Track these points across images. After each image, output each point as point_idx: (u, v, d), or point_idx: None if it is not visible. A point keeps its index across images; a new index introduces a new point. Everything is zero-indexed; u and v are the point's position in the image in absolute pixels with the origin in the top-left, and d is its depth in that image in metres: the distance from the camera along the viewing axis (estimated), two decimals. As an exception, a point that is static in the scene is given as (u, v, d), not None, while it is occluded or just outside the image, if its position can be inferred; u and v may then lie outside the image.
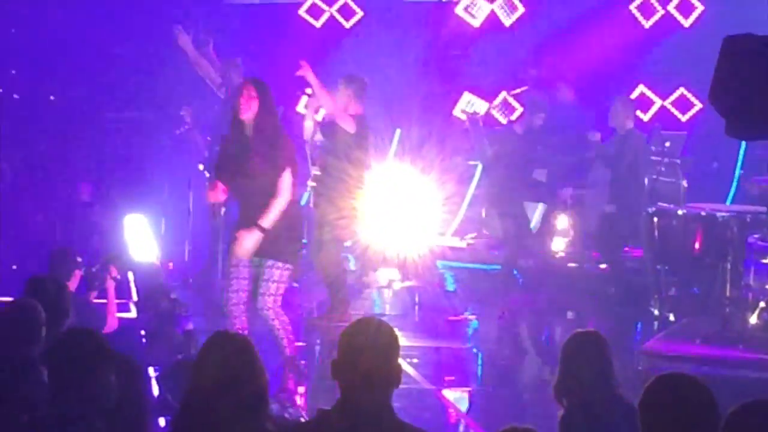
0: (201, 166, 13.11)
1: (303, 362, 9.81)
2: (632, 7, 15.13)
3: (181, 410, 5.07)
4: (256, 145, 8.80)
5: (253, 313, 8.89)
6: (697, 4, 14.70)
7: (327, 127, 11.80)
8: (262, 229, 8.70)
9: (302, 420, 6.92)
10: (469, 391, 10.38)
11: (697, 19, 14.80)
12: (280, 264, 8.86)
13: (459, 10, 15.72)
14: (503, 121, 15.11)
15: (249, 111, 8.78)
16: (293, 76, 11.40)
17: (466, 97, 15.68)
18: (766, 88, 6.24)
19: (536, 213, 14.43)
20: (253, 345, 5.01)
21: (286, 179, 8.79)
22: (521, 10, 15.57)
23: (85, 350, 5.36)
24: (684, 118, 14.48)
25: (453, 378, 10.59)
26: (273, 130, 8.88)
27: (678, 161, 13.55)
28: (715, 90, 6.44)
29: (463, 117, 15.26)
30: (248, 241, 8.72)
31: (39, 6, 17.63)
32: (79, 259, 9.29)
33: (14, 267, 13.22)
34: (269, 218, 8.72)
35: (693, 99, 14.30)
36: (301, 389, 9.05)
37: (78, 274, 9.09)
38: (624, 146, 12.86)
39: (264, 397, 4.92)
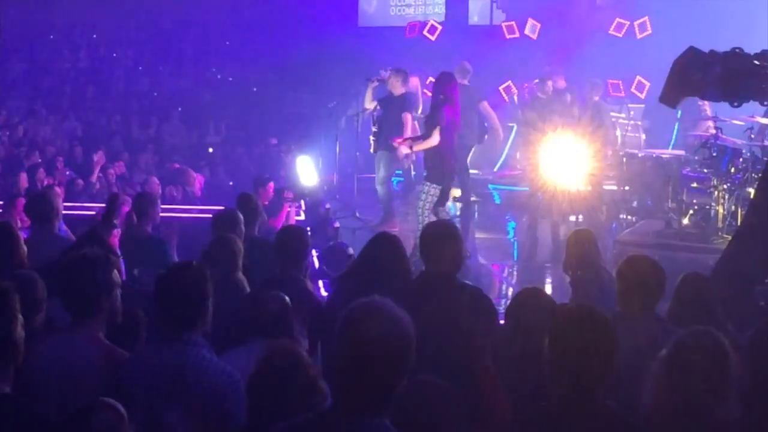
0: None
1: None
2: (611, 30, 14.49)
3: (344, 275, 5.13)
4: None
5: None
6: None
7: None
8: None
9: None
10: (509, 265, 10.32)
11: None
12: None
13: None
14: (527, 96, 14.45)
15: None
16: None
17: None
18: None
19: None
20: (400, 242, 4.98)
21: None
22: (539, 25, 14.82)
23: (303, 239, 5.51)
24: (641, 95, 13.90)
25: (499, 257, 10.52)
26: None
27: (639, 123, 13.31)
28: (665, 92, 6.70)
29: (505, 95, 14.84)
30: None
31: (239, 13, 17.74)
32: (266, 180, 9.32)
33: (230, 183, 13.42)
34: None
35: (645, 82, 13.70)
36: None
37: (262, 192, 9.10)
38: (598, 110, 12.48)
39: (409, 272, 4.89)
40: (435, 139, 8.55)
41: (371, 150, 10.92)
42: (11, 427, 2.94)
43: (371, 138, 10.94)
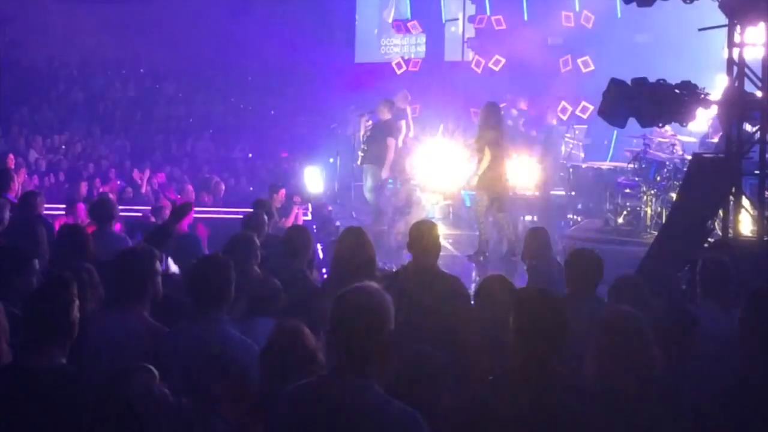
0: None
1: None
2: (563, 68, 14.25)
3: (332, 266, 5.03)
4: None
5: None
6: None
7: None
8: None
9: (393, 270, 6.88)
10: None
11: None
12: None
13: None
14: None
15: None
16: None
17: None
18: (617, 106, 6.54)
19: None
20: (366, 232, 4.84)
21: None
22: (503, 61, 14.56)
23: (306, 236, 5.30)
24: (585, 117, 13.73)
25: (470, 249, 10.20)
26: None
27: (581, 143, 13.29)
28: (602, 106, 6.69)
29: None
30: None
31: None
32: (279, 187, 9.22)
33: (251, 188, 13.33)
34: None
35: (589, 106, 13.54)
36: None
37: (276, 197, 9.01)
38: (550, 132, 12.56)
39: (373, 259, 4.79)
40: (488, 157, 8.79)
41: (359, 162, 11.04)
42: (65, 393, 2.91)
43: (360, 153, 11.10)
